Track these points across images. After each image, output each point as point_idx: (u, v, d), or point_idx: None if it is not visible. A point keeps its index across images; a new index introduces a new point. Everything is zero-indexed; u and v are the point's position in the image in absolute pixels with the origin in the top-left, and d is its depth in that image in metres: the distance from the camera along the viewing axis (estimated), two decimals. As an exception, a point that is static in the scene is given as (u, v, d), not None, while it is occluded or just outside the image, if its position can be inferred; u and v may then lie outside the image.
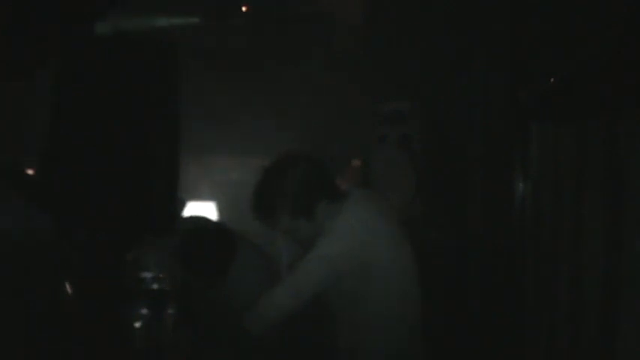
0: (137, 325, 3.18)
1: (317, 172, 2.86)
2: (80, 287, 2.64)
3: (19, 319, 2.49)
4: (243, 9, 6.07)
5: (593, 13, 3.48)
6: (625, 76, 3.17)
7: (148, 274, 3.65)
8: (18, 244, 2.53)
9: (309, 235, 2.87)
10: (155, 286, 3.59)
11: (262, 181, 2.86)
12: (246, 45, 6.36)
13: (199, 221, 3.73)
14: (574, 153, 3.61)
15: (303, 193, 2.80)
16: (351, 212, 2.81)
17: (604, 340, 3.30)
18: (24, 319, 2.51)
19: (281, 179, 2.81)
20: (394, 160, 5.35)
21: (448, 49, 4.99)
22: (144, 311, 3.25)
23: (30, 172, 3.16)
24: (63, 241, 2.68)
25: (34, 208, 2.57)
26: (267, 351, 3.09)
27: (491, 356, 4.31)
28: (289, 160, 2.85)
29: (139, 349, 3.14)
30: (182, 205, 4.93)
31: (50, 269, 2.66)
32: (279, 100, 6.64)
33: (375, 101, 5.58)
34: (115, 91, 2.28)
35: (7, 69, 2.59)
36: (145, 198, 2.32)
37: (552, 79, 3.73)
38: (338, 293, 2.83)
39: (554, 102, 3.81)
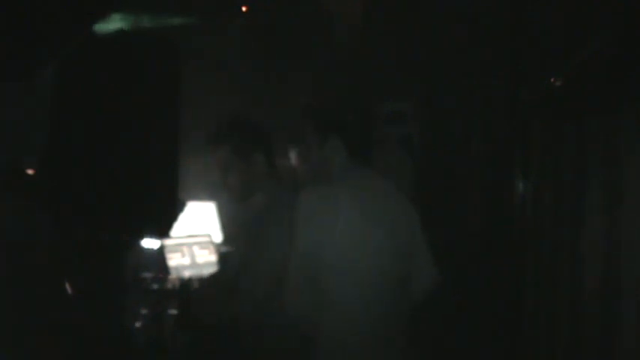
0: (137, 325, 3.18)
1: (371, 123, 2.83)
2: (80, 287, 2.65)
3: (19, 319, 2.49)
4: (243, 9, 6.07)
5: (593, 13, 3.48)
6: (625, 76, 3.18)
7: (148, 274, 3.65)
8: (17, 243, 2.53)
9: (312, 175, 2.82)
10: (155, 286, 3.59)
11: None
12: (246, 45, 6.35)
13: None
14: (574, 153, 3.61)
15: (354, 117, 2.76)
16: (351, 181, 2.72)
17: (604, 340, 3.30)
18: (24, 319, 2.51)
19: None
20: (394, 160, 5.35)
21: (448, 49, 4.99)
22: (144, 311, 3.25)
23: (30, 172, 3.16)
24: (63, 241, 2.68)
25: (34, 208, 2.57)
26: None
27: (492, 356, 4.31)
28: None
29: (139, 349, 3.14)
30: (182, 206, 4.93)
31: (50, 269, 2.66)
32: (279, 100, 6.63)
33: (375, 101, 5.58)
34: (115, 91, 2.28)
35: (7, 69, 2.59)
36: (145, 198, 2.32)
37: (552, 79, 3.73)
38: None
39: (554, 102, 3.82)
